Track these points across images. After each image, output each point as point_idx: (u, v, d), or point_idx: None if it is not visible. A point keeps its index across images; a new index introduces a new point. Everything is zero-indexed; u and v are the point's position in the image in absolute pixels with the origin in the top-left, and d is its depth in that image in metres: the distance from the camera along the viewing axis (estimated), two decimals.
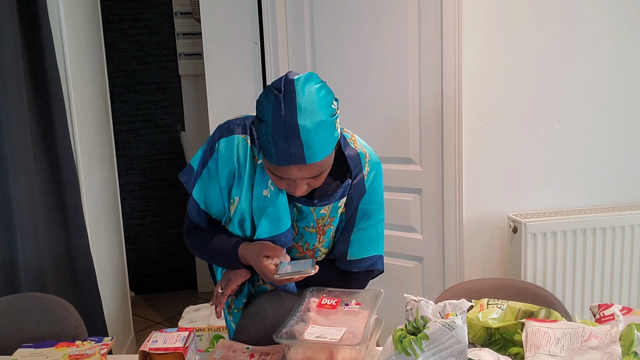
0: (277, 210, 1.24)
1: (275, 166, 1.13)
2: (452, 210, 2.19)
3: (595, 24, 2.16)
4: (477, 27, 2.10)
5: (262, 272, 1.21)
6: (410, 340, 1.00)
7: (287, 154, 1.09)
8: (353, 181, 1.27)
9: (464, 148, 2.14)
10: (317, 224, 1.28)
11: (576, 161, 2.24)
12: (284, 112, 1.07)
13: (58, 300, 1.49)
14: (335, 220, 1.30)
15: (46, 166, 2.10)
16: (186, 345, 1.19)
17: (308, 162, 1.10)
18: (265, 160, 1.15)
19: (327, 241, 1.33)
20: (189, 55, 3.75)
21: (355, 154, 1.28)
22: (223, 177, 1.28)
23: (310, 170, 1.13)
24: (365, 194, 1.29)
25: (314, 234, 1.30)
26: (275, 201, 1.24)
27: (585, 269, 2.16)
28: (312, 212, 1.27)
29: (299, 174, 1.13)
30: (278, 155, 1.10)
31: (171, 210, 3.92)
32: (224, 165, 1.27)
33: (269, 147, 1.10)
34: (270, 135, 1.09)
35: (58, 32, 2.21)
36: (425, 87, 2.18)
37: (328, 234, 1.31)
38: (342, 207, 1.29)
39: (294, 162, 1.10)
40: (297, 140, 1.08)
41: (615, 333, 1.02)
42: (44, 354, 1.24)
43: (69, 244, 2.18)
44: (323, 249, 1.34)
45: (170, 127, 3.86)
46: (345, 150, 1.28)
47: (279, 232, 1.26)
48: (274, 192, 1.24)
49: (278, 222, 1.25)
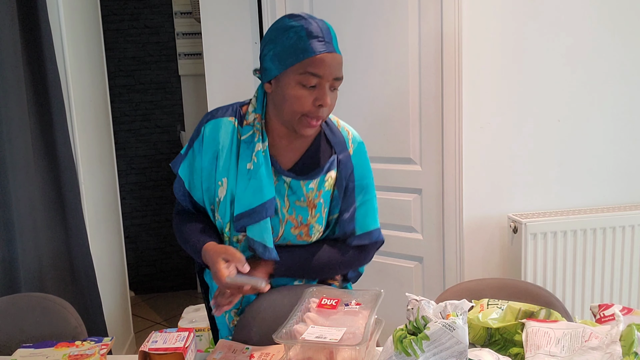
0: (258, 181, 1.28)
1: (310, 62, 1.19)
2: (452, 210, 2.19)
3: (595, 23, 2.16)
4: (477, 26, 2.10)
5: (215, 274, 1.21)
6: (410, 341, 1.00)
7: (322, 42, 1.21)
8: (338, 156, 1.35)
9: (464, 148, 2.14)
10: (307, 198, 1.33)
11: (576, 161, 2.24)
12: (310, 15, 1.25)
13: (58, 300, 1.49)
14: (323, 194, 1.34)
15: (46, 166, 2.10)
16: (186, 345, 1.19)
17: (338, 52, 1.23)
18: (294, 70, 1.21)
19: (320, 217, 1.35)
20: (189, 55, 3.75)
21: (338, 132, 1.38)
22: (206, 158, 1.33)
23: (338, 65, 1.23)
24: (355, 169, 1.36)
25: (305, 208, 1.33)
26: (257, 172, 1.28)
27: (585, 269, 2.16)
28: (302, 186, 1.32)
29: (333, 63, 1.21)
30: (313, 44, 1.20)
31: (171, 210, 3.92)
32: (208, 147, 1.32)
33: (303, 43, 1.19)
34: (303, 30, 1.20)
35: (58, 32, 2.21)
36: (425, 87, 2.18)
37: (319, 209, 1.34)
38: (328, 181, 1.34)
39: (327, 48, 1.21)
40: (327, 28, 1.23)
41: (615, 333, 1.02)
42: (43, 354, 1.24)
43: (68, 243, 2.18)
44: (317, 226, 1.35)
45: (170, 127, 3.86)
46: (329, 130, 1.37)
47: (260, 202, 1.28)
48: (257, 163, 1.28)
49: (260, 192, 1.28)
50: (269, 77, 1.25)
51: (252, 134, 1.30)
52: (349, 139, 1.37)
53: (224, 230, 1.34)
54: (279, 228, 1.34)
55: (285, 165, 1.34)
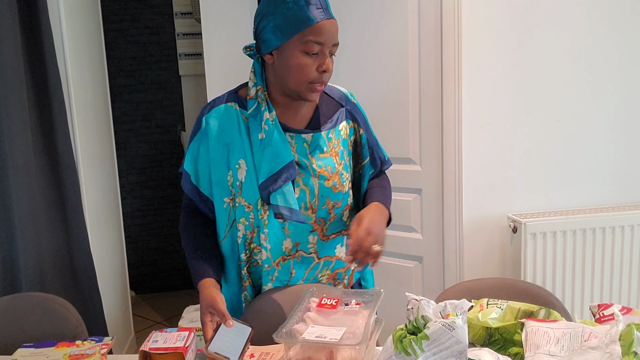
0: (274, 146, 1.30)
1: (312, 30, 1.22)
2: (452, 210, 2.19)
3: (595, 23, 2.17)
4: (477, 26, 2.10)
5: (202, 326, 1.24)
6: (410, 340, 1.00)
7: (320, 9, 1.24)
8: (346, 107, 1.43)
9: (464, 148, 2.14)
10: (330, 148, 1.37)
11: (576, 161, 2.24)
12: None
13: (58, 300, 1.49)
14: (342, 142, 1.40)
15: (46, 166, 2.10)
16: (186, 345, 1.19)
17: (333, 17, 1.26)
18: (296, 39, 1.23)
19: (345, 164, 1.40)
20: (189, 55, 3.76)
21: (334, 88, 1.47)
22: (213, 149, 1.35)
23: (336, 31, 1.27)
24: (363, 114, 1.48)
25: (330, 158, 1.37)
26: (271, 139, 1.30)
27: (585, 269, 2.16)
28: (324, 137, 1.37)
29: (332, 29, 1.25)
30: (314, 12, 1.23)
31: (172, 209, 3.92)
32: (214, 136, 1.35)
33: (303, 12, 1.22)
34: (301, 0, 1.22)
35: (58, 32, 2.21)
36: (425, 87, 2.19)
37: (342, 156, 1.40)
38: (343, 131, 1.41)
39: (326, 14, 1.24)
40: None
41: (615, 333, 1.02)
42: (44, 354, 1.25)
43: (69, 243, 2.18)
44: (345, 173, 1.40)
45: (171, 127, 3.87)
46: (327, 87, 1.44)
47: (279, 167, 1.30)
48: (268, 130, 1.30)
49: (277, 157, 1.30)
50: (269, 49, 1.27)
51: (257, 105, 1.32)
52: (347, 93, 1.46)
53: (256, 208, 1.33)
54: (314, 185, 1.35)
55: (300, 126, 1.37)
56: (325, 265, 1.43)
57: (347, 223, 1.44)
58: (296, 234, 1.37)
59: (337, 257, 1.44)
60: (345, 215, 1.44)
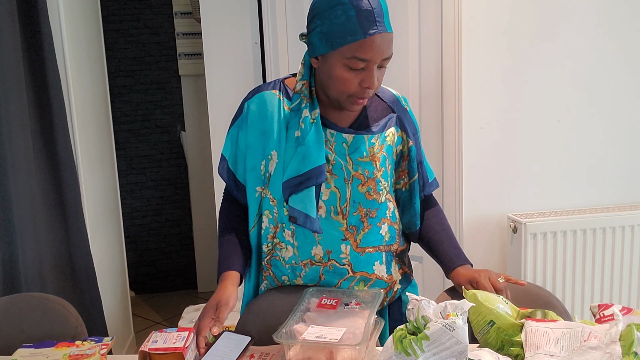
0: (306, 147, 1.25)
1: (358, 46, 1.15)
2: (452, 210, 2.19)
3: (595, 23, 2.17)
4: (477, 27, 2.10)
5: (200, 319, 1.25)
6: (410, 341, 1.00)
7: (372, 20, 1.15)
8: (398, 114, 1.37)
9: (464, 148, 2.14)
10: (370, 153, 1.31)
11: (576, 161, 2.24)
12: None
13: (58, 300, 1.49)
14: (386, 148, 1.33)
15: (46, 166, 2.10)
16: (186, 345, 1.19)
17: (389, 29, 1.17)
18: (340, 52, 1.17)
19: (385, 171, 1.34)
20: (189, 55, 3.75)
21: (387, 91, 1.41)
22: (252, 135, 1.32)
23: (388, 45, 1.18)
24: (415, 123, 1.41)
25: (369, 162, 1.31)
26: (305, 139, 1.25)
27: (585, 269, 2.16)
28: (365, 141, 1.30)
29: (382, 44, 1.17)
30: (362, 25, 1.14)
31: (171, 210, 3.92)
32: (253, 122, 1.32)
33: (351, 24, 1.14)
34: (352, 8, 1.14)
35: (58, 32, 2.21)
36: (425, 87, 2.18)
37: (383, 162, 1.33)
38: (389, 137, 1.34)
39: (378, 28, 1.15)
40: (379, 3, 1.16)
41: (615, 333, 1.02)
42: (44, 354, 1.24)
43: (69, 244, 2.18)
44: (383, 181, 1.33)
45: (170, 127, 3.87)
46: (380, 89, 1.38)
47: (307, 169, 1.25)
48: (304, 129, 1.26)
49: (307, 158, 1.25)
50: (314, 53, 1.23)
51: (299, 101, 1.28)
52: (400, 97, 1.40)
53: (281, 203, 1.30)
54: (346, 189, 1.30)
55: (343, 124, 1.32)
56: (362, 280, 1.35)
57: (387, 240, 1.37)
58: (326, 240, 1.31)
59: (376, 275, 1.35)
60: (383, 230, 1.35)
